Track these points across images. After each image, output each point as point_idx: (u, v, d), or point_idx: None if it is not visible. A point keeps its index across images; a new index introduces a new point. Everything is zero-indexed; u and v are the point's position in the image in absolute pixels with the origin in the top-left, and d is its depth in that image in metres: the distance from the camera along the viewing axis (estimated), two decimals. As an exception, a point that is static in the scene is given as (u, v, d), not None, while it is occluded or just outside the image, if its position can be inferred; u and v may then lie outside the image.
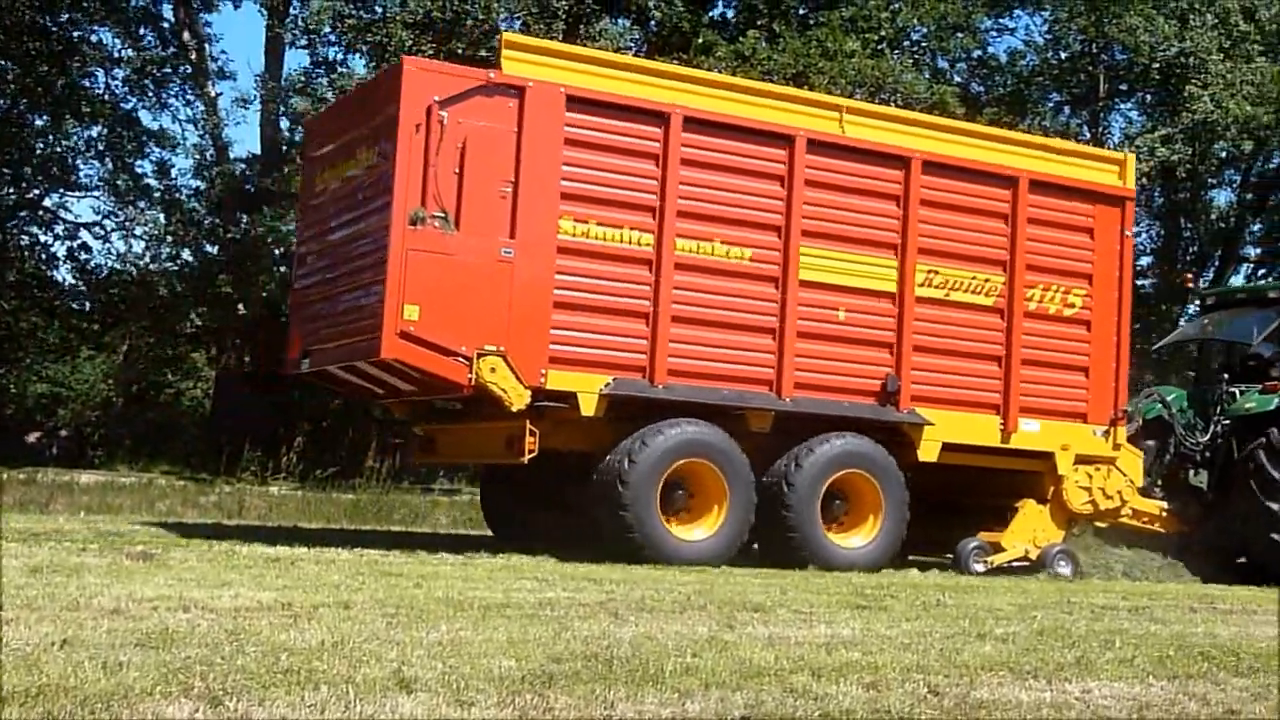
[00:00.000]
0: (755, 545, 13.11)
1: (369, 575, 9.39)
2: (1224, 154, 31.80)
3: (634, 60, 14.62)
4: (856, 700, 5.59)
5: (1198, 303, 18.30)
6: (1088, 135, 31.88)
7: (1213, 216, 36.77)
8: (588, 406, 12.12)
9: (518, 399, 11.78)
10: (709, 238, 12.70)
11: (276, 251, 28.37)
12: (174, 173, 31.72)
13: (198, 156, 30.75)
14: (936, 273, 13.66)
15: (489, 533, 15.16)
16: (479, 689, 5.28)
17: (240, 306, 28.74)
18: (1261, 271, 38.74)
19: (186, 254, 31.02)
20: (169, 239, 30.58)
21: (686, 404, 12.48)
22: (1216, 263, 37.06)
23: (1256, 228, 38.00)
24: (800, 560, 12.58)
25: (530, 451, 11.89)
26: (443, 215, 11.62)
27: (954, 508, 14.44)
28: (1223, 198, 37.57)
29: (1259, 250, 39.03)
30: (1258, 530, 14.82)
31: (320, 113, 18.72)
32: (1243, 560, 15.31)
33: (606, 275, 12.30)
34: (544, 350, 11.96)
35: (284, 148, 29.35)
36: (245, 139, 36.63)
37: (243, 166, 30.13)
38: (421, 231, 11.56)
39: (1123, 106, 34.63)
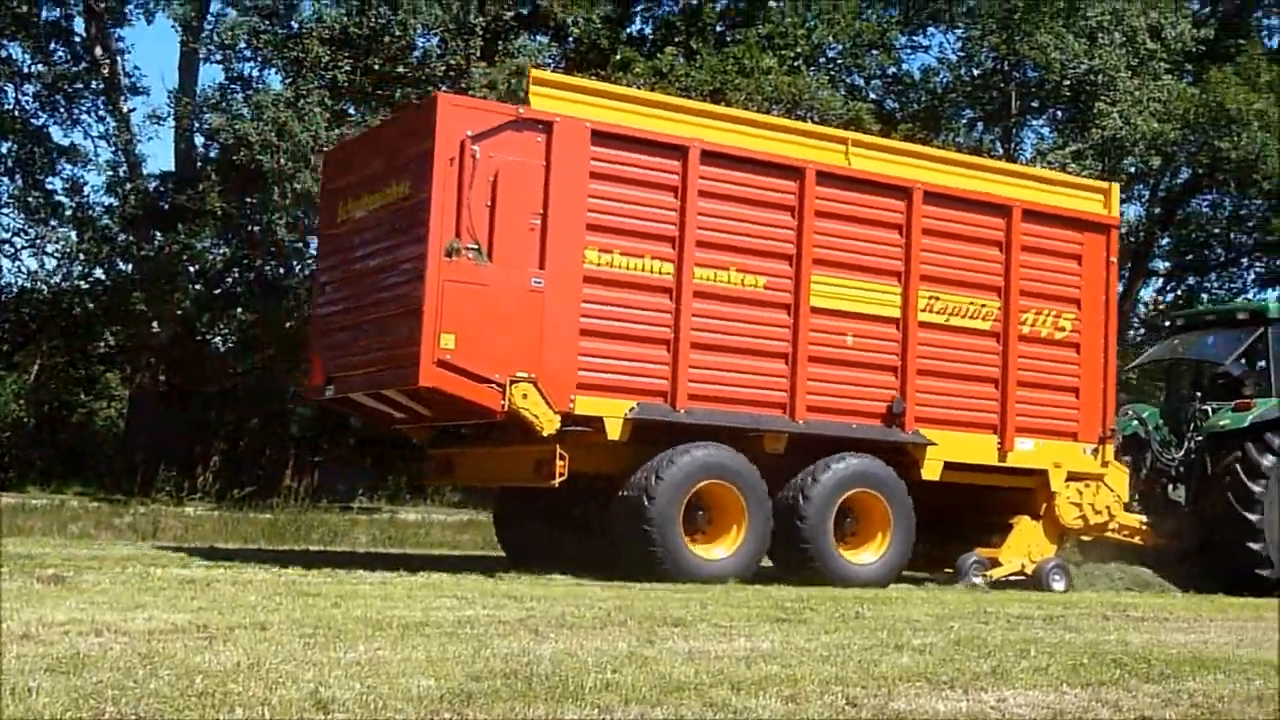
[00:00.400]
0: (767, 561, 13.48)
1: (286, 595, 9.31)
2: (1133, 169, 32.33)
3: (655, 96, 15.16)
4: (775, 713, 5.63)
5: (1168, 324, 19.11)
6: (1000, 151, 32.27)
7: (1122, 230, 37.29)
8: (613, 431, 12.50)
9: (548, 424, 12.14)
10: (725, 266, 13.15)
11: (191, 269, 28.09)
12: (86, 189, 31.31)
13: (110, 173, 30.36)
14: (937, 299, 14.18)
15: (408, 551, 15.08)
16: (397, 709, 5.26)
17: (155, 325, 28.39)
18: (1170, 284, 39.47)
19: (99, 272, 30.60)
20: (81, 257, 30.15)
21: (706, 427, 12.88)
22: (1126, 275, 37.64)
23: (1165, 242, 38.67)
24: (813, 576, 12.96)
25: (560, 475, 12.21)
26: (476, 247, 11.99)
27: (951, 524, 14.85)
28: (1132, 212, 38.21)
29: (1168, 264, 39.75)
30: (1235, 540, 15.49)
31: (342, 144, 19.15)
32: (1215, 565, 15.95)
33: (630, 303, 12.72)
34: (572, 376, 12.36)
35: (198, 164, 29.04)
36: (159, 155, 36.12)
37: (156, 183, 29.78)
38: (457, 263, 11.91)
39: (1034, 123, 35.08)
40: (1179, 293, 39.26)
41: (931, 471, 13.98)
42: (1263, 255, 38.03)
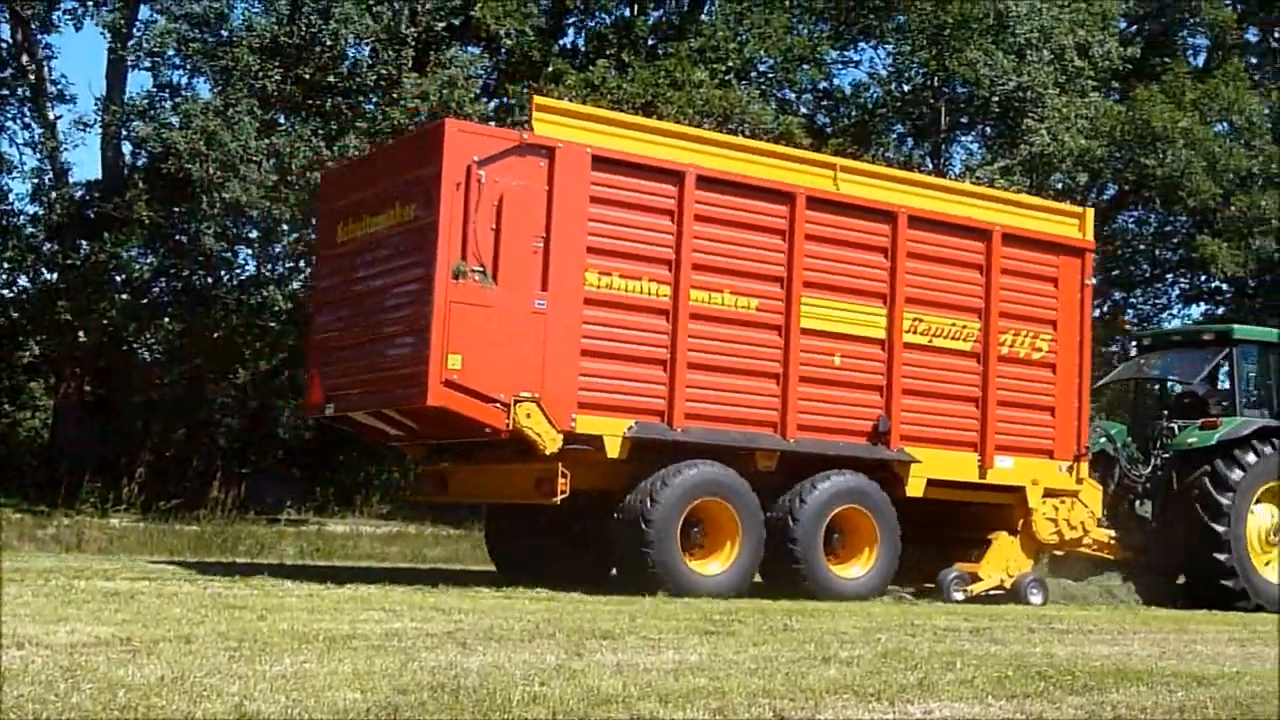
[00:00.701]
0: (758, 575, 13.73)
1: (211, 608, 9.23)
2: (1060, 185, 32.70)
3: (653, 123, 15.44)
4: (702, 725, 5.63)
5: (1134, 344, 19.65)
6: (930, 167, 32.52)
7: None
8: (613, 449, 12.80)
9: (551, 443, 12.42)
10: (719, 289, 13.51)
11: (118, 278, 27.73)
12: (11, 197, 30.79)
13: (36, 181, 29.90)
14: (921, 320, 14.58)
15: (336, 563, 14.98)
16: (322, 722, 5.22)
17: (80, 334, 28.01)
18: (1096, 300, 39.87)
19: (24, 281, 30.16)
20: (5, 265, 29.68)
21: (702, 445, 13.17)
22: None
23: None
24: (804, 591, 13.26)
25: (562, 492, 12.46)
26: (481, 269, 12.28)
27: (932, 539, 15.14)
28: (1060, 228, 38.60)
29: (1093, 280, 40.21)
30: (1201, 553, 16.03)
31: (341, 165, 19.24)
32: (1183, 581, 16.69)
33: (629, 325, 13.03)
34: (573, 396, 12.65)
35: (126, 172, 28.69)
36: (85, 163, 35.50)
37: (83, 191, 29.38)
38: (463, 285, 12.18)
39: (963, 139, 35.41)
40: (1105, 309, 39.69)
41: (915, 488, 14.36)
42: (1187, 271, 38.59)
